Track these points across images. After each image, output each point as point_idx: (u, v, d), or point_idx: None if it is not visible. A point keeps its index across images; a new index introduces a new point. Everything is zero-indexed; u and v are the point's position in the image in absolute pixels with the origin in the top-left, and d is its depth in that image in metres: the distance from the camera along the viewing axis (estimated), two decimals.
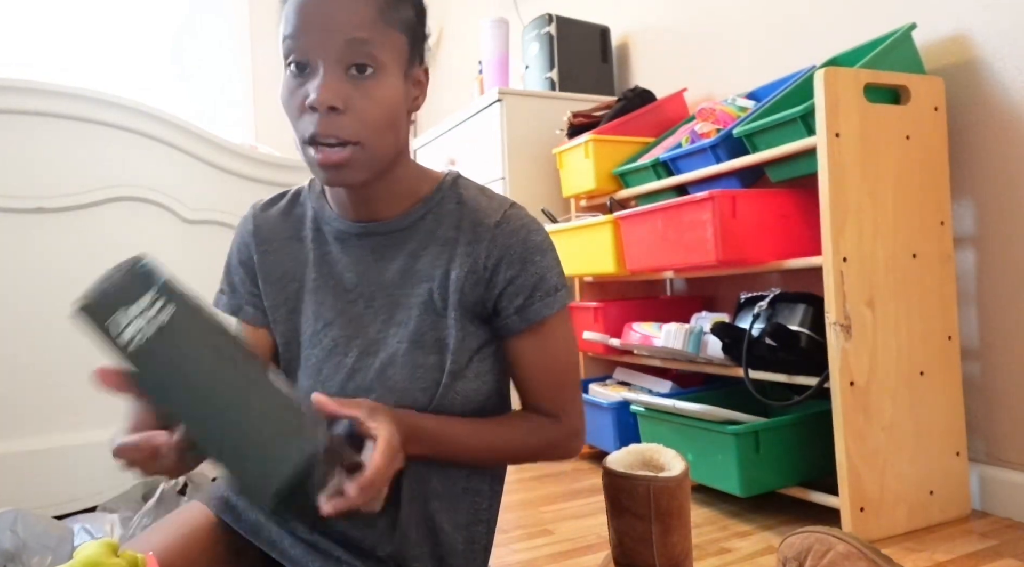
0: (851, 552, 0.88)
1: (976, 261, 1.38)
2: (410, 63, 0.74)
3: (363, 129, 0.69)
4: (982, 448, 1.38)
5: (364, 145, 0.70)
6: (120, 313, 0.58)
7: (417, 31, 0.75)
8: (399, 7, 0.71)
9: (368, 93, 0.69)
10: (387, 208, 0.79)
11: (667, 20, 2.17)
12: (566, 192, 2.07)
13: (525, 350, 0.81)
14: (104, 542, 0.60)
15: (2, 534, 1.04)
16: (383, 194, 0.78)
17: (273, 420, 0.59)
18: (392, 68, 0.71)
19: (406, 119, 0.76)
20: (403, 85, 0.73)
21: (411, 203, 0.80)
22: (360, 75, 0.69)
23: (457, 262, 0.77)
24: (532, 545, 1.30)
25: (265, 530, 0.79)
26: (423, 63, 0.78)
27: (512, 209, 0.80)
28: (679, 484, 0.89)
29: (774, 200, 1.46)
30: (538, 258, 0.78)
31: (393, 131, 0.72)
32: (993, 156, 1.35)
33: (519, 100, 2.12)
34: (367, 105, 0.69)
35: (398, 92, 0.72)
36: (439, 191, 0.80)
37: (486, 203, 0.80)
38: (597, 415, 1.77)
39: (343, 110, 0.68)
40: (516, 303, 0.78)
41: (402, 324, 0.78)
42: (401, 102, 0.73)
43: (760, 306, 1.40)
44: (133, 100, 1.47)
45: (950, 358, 1.33)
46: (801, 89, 1.50)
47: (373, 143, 0.70)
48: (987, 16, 1.35)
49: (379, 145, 0.71)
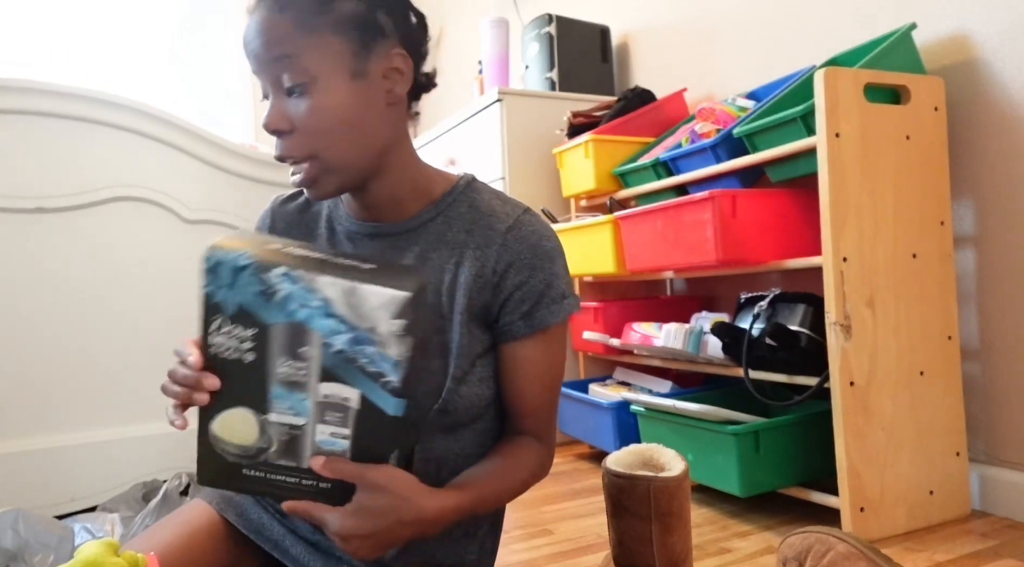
0: (851, 552, 0.88)
1: (976, 261, 1.38)
2: (362, 58, 0.70)
3: (313, 143, 0.69)
4: (982, 448, 1.38)
5: (321, 158, 0.70)
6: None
7: (365, 22, 0.70)
8: (325, 10, 0.69)
9: (308, 107, 0.68)
10: (396, 209, 0.78)
11: (667, 20, 2.17)
12: (566, 192, 2.07)
13: (526, 357, 0.79)
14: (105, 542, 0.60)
15: (3, 533, 1.04)
16: (387, 195, 0.77)
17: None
18: (330, 74, 0.69)
19: (376, 115, 0.72)
20: (352, 87, 0.70)
21: (423, 205, 0.79)
22: (297, 92, 0.69)
23: (466, 266, 0.76)
24: (532, 545, 1.30)
25: (268, 529, 0.80)
26: (397, 45, 0.73)
27: (525, 215, 0.79)
28: (679, 484, 0.89)
29: (774, 200, 1.46)
30: (547, 264, 0.78)
31: (351, 135, 0.70)
32: (993, 156, 1.35)
33: (519, 100, 2.12)
34: (309, 120, 0.69)
35: (344, 97, 0.69)
36: (451, 193, 0.79)
37: (499, 207, 0.79)
38: (597, 415, 1.77)
39: (290, 130, 0.69)
40: (523, 309, 0.77)
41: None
42: (352, 103, 0.70)
43: (760, 306, 1.40)
44: (133, 100, 1.47)
45: (950, 358, 1.33)
46: (801, 89, 1.50)
47: (330, 154, 0.70)
48: (987, 16, 1.35)
49: (338, 154, 0.70)
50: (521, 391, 0.80)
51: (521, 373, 0.80)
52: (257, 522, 0.80)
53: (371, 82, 0.71)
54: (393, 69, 0.73)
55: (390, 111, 0.74)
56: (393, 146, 0.75)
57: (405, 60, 0.73)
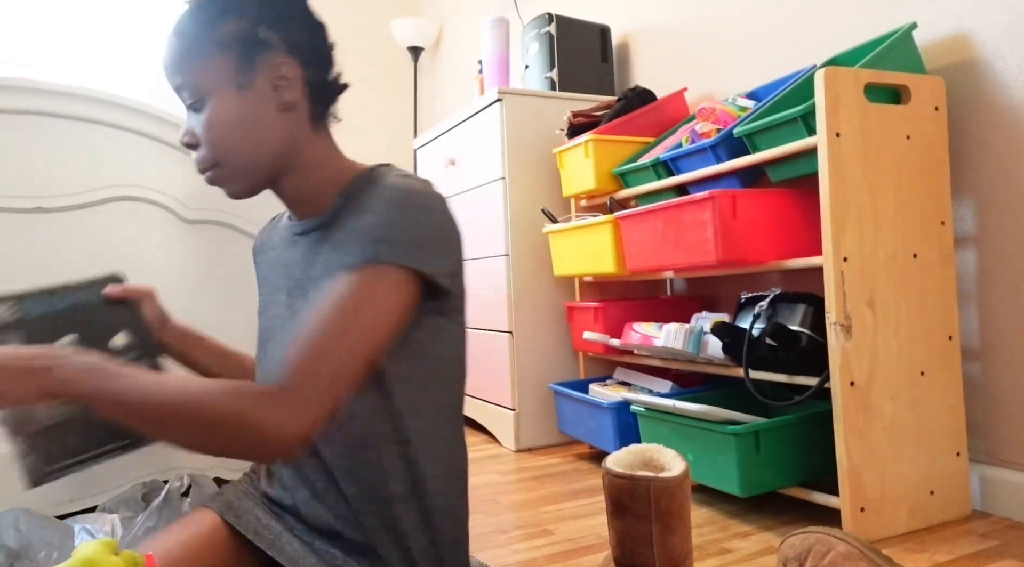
0: (852, 552, 0.88)
1: (976, 261, 1.38)
2: (244, 72, 0.77)
3: (215, 152, 0.78)
4: (983, 448, 1.38)
5: (223, 163, 0.79)
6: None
7: (247, 39, 0.77)
8: (208, 33, 0.77)
9: (205, 122, 0.78)
10: (316, 204, 0.84)
11: (667, 20, 2.17)
12: (566, 192, 2.07)
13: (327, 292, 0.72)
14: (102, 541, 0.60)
15: (6, 532, 1.04)
16: (302, 191, 0.83)
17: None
18: (220, 90, 0.77)
19: (270, 121, 0.79)
20: (238, 98, 0.77)
21: (331, 197, 0.83)
22: (197, 109, 0.79)
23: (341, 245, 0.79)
24: (532, 545, 1.30)
25: (265, 528, 0.81)
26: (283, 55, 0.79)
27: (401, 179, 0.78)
28: (679, 484, 0.89)
29: (774, 200, 1.46)
30: (382, 207, 0.74)
31: (243, 142, 0.78)
32: (993, 156, 1.35)
33: (519, 100, 2.12)
34: (207, 132, 0.78)
35: (234, 107, 0.77)
36: (356, 181, 0.82)
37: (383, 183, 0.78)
38: (597, 415, 1.77)
39: (197, 143, 0.80)
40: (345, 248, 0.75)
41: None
42: (241, 113, 0.77)
43: (760, 306, 1.40)
44: (134, 100, 1.47)
45: (950, 358, 1.33)
46: (801, 89, 1.50)
47: (230, 159, 0.79)
48: (988, 16, 1.35)
49: (237, 158, 0.79)
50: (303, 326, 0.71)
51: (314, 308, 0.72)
52: (255, 523, 0.81)
53: (259, 92, 0.78)
54: (280, 77, 0.79)
55: (285, 116, 0.80)
56: (295, 146, 0.81)
57: (293, 68, 0.79)
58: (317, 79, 0.82)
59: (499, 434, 2.16)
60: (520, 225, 2.10)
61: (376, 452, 0.79)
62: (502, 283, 2.10)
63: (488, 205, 2.18)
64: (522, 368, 2.07)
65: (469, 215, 2.31)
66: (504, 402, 2.11)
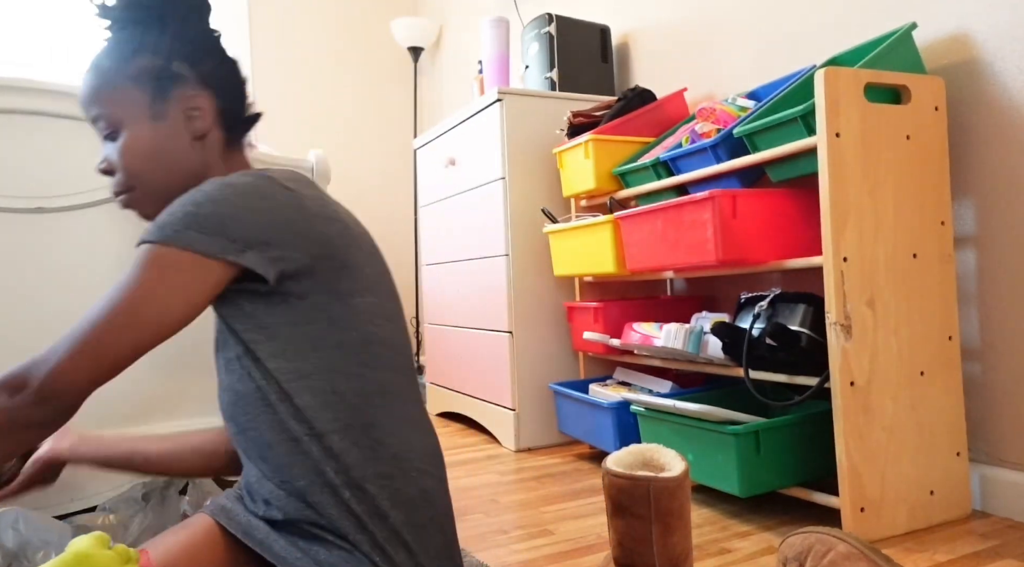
0: (852, 552, 0.88)
1: (976, 261, 1.38)
2: (157, 103, 0.85)
3: (129, 178, 0.85)
4: (983, 448, 1.38)
5: (137, 188, 0.86)
6: None
7: (160, 73, 0.85)
8: (123, 68, 0.84)
9: (121, 150, 0.84)
10: None
11: (667, 20, 2.17)
12: (566, 192, 2.07)
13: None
14: (95, 535, 0.60)
15: (4, 532, 1.04)
16: None
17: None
18: (133, 120, 0.84)
19: (182, 149, 0.86)
20: (151, 128, 0.84)
21: None
22: (112, 138, 0.85)
23: None
24: (532, 545, 1.30)
25: (256, 529, 0.81)
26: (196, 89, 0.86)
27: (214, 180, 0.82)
28: (679, 484, 0.89)
29: (774, 200, 1.46)
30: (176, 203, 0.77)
31: (156, 168, 0.85)
32: (993, 156, 1.35)
33: (519, 100, 2.12)
34: (123, 160, 0.84)
35: (147, 136, 0.84)
36: None
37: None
38: (597, 415, 1.77)
39: (112, 170, 0.86)
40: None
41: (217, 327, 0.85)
42: (154, 143, 0.84)
43: (760, 306, 1.40)
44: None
45: (950, 358, 1.33)
46: (801, 89, 1.50)
47: (143, 183, 0.85)
48: (987, 16, 1.35)
49: (151, 182, 0.85)
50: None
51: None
52: (245, 524, 0.82)
53: (172, 122, 0.85)
54: (193, 108, 0.86)
55: (197, 144, 0.87)
56: (207, 172, 0.88)
57: (205, 100, 0.87)
58: (229, 109, 0.89)
59: (499, 434, 2.16)
60: (520, 225, 2.10)
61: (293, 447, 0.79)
62: (502, 283, 2.10)
63: (488, 205, 2.18)
64: (522, 368, 2.07)
65: (469, 215, 2.31)
66: (504, 402, 2.11)
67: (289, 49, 3.61)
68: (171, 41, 0.86)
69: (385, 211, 3.78)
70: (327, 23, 3.70)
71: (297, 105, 3.62)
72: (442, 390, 2.61)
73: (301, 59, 3.63)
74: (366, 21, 3.79)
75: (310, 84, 3.64)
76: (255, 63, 3.54)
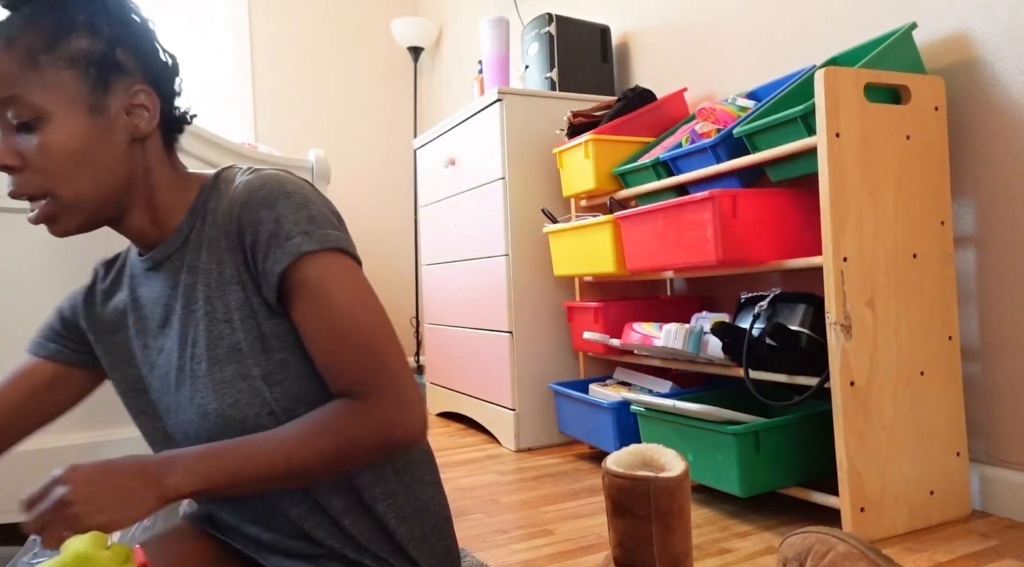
0: (851, 552, 0.88)
1: (976, 261, 1.38)
2: (99, 94, 0.69)
3: (45, 181, 0.68)
4: (982, 448, 1.38)
5: (55, 195, 0.69)
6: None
7: (102, 59, 0.69)
8: (56, 47, 0.68)
9: (39, 144, 0.67)
10: (161, 233, 0.77)
11: (667, 20, 2.17)
12: (566, 192, 2.07)
13: (300, 316, 0.69)
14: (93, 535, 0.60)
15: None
16: (143, 226, 0.76)
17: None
18: (63, 111, 0.68)
19: (118, 151, 0.71)
20: (88, 122, 0.69)
21: (178, 219, 0.76)
22: (27, 129, 0.68)
23: (225, 258, 0.72)
24: (532, 545, 1.30)
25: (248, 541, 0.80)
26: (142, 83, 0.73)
27: (242, 175, 0.74)
28: (679, 484, 0.89)
29: (774, 200, 1.46)
30: (265, 212, 0.69)
31: (86, 172, 0.69)
32: (993, 156, 1.35)
33: (519, 100, 2.12)
34: (40, 157, 0.67)
35: (76, 133, 0.68)
36: (201, 195, 0.77)
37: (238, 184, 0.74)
38: (597, 415, 1.77)
39: (21, 167, 0.68)
40: (261, 267, 0.70)
41: (196, 344, 0.73)
42: (88, 140, 0.69)
43: (760, 306, 1.40)
44: None
45: (950, 358, 1.33)
46: (801, 89, 1.50)
47: (64, 190, 0.69)
48: (987, 16, 1.35)
49: (73, 190, 0.69)
50: (317, 353, 0.69)
51: (306, 335, 0.69)
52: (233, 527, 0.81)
53: (111, 118, 0.70)
54: (137, 105, 0.72)
55: (134, 146, 0.73)
56: (142, 179, 0.74)
57: (150, 97, 0.73)
58: (170, 110, 0.77)
59: (499, 434, 2.16)
60: (520, 225, 2.10)
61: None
62: (502, 283, 2.10)
63: (488, 205, 2.18)
64: (522, 368, 2.07)
65: (469, 215, 2.31)
66: (504, 402, 2.11)
67: (289, 49, 3.61)
68: (112, 25, 0.71)
69: (385, 211, 3.78)
70: (327, 23, 3.70)
71: (297, 105, 3.62)
72: (442, 390, 2.61)
73: (301, 59, 3.63)
74: (366, 21, 3.79)
75: (310, 84, 3.65)
76: (255, 63, 3.54)
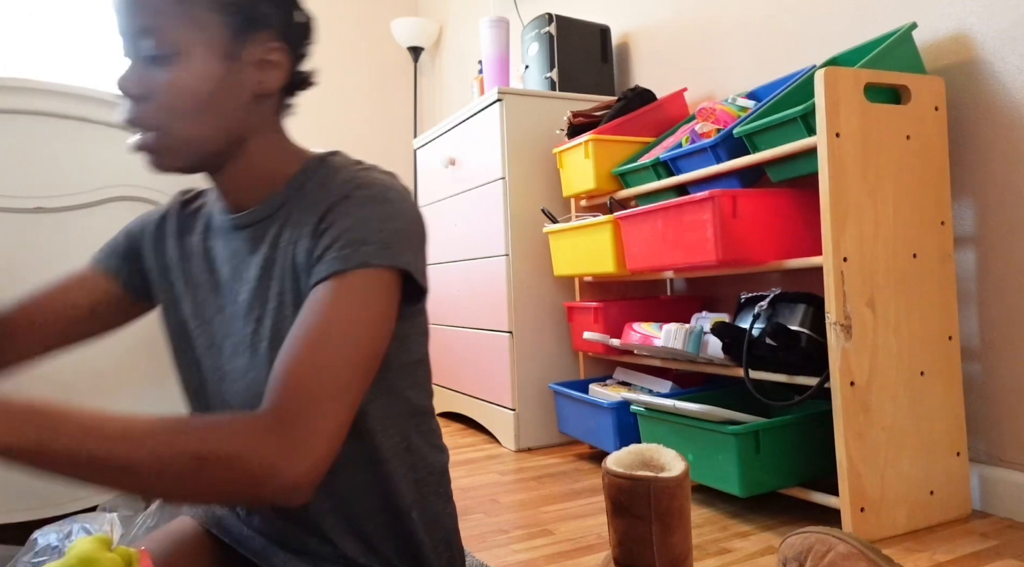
0: (851, 552, 0.88)
1: (976, 261, 1.38)
2: (237, 43, 0.68)
3: (164, 116, 0.67)
4: (982, 448, 1.38)
5: (168, 132, 0.67)
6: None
7: (246, 6, 0.68)
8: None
9: (168, 79, 0.66)
10: (254, 196, 0.75)
11: (667, 20, 2.17)
12: (566, 192, 2.07)
13: (310, 303, 0.65)
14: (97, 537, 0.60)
15: None
16: (240, 183, 0.74)
17: None
18: (199, 51, 0.66)
19: (239, 102, 0.70)
20: (221, 67, 0.67)
21: (276, 188, 0.75)
22: (157, 62, 0.66)
23: (305, 244, 0.70)
24: (532, 545, 1.30)
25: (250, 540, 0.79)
26: (276, 40, 0.71)
27: (353, 170, 0.73)
28: (679, 484, 0.89)
29: (774, 200, 1.46)
30: (355, 209, 0.68)
31: (205, 116, 0.68)
32: (993, 156, 1.35)
33: (519, 100, 2.12)
34: (164, 92, 0.66)
35: (207, 76, 0.67)
36: (303, 172, 0.75)
37: (344, 177, 0.72)
38: (597, 415, 1.77)
39: (141, 97, 0.67)
40: (318, 253, 0.67)
41: (262, 321, 0.72)
42: (216, 86, 0.67)
43: (760, 306, 1.40)
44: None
45: (950, 358, 1.33)
46: (801, 89, 1.50)
47: (176, 129, 0.67)
48: (987, 16, 1.35)
49: (186, 131, 0.68)
50: (287, 344, 0.63)
51: (296, 323, 0.64)
52: (238, 533, 0.80)
53: (241, 68, 0.69)
54: (268, 61, 0.71)
55: (256, 101, 0.72)
56: (253, 136, 0.73)
57: (283, 55, 0.72)
58: (298, 72, 0.76)
59: (499, 434, 2.16)
60: (520, 225, 2.10)
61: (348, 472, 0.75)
62: (502, 283, 2.10)
63: (488, 205, 2.18)
64: (522, 368, 2.07)
65: (469, 215, 2.31)
66: (504, 402, 2.11)
67: None
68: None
69: None
70: (327, 23, 3.70)
71: (297, 105, 3.62)
72: (442, 390, 2.61)
73: None
74: (366, 21, 3.79)
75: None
76: None
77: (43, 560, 0.96)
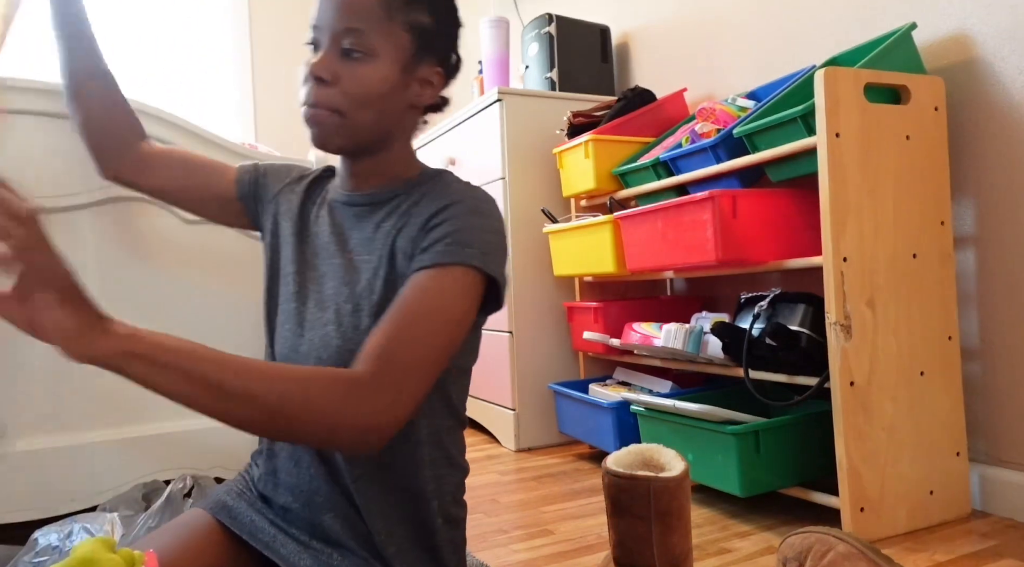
0: (851, 552, 0.88)
1: (976, 261, 1.38)
2: (414, 60, 0.83)
3: (344, 101, 0.79)
4: (982, 448, 1.38)
5: (344, 115, 0.79)
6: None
7: (429, 37, 0.84)
8: (409, 9, 0.81)
9: (355, 72, 0.79)
10: (376, 183, 0.87)
11: (667, 20, 2.17)
12: (566, 192, 2.07)
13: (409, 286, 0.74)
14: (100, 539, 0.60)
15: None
16: (371, 171, 0.87)
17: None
18: (386, 58, 0.80)
19: (400, 107, 0.84)
20: (398, 76, 0.81)
21: (396, 184, 0.87)
22: (352, 57, 0.79)
23: (406, 233, 0.81)
24: (532, 545, 1.30)
25: (260, 531, 0.81)
26: (439, 66, 0.87)
27: (468, 186, 0.85)
28: (679, 484, 0.89)
29: (774, 200, 1.46)
30: (468, 215, 0.79)
31: (376, 110, 0.81)
32: (993, 156, 1.35)
33: (519, 100, 2.12)
34: (351, 81, 0.79)
35: (388, 79, 0.80)
36: (421, 176, 0.88)
37: (458, 188, 0.84)
38: (597, 415, 1.77)
39: (330, 82, 0.79)
40: (424, 244, 0.77)
41: (351, 286, 0.82)
42: (391, 89, 0.81)
43: (760, 306, 1.40)
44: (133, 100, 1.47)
45: (950, 358, 1.33)
46: (801, 89, 1.50)
47: (352, 115, 0.80)
48: (987, 16, 1.35)
49: (358, 118, 0.80)
50: (389, 317, 0.72)
51: (396, 301, 0.74)
52: (249, 524, 0.82)
53: (410, 82, 0.84)
54: (429, 81, 0.86)
55: (409, 111, 0.86)
56: (398, 137, 0.87)
57: (440, 79, 0.88)
58: (442, 97, 0.91)
59: (499, 434, 2.17)
60: (520, 225, 2.10)
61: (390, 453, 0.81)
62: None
63: None
64: (522, 368, 2.07)
65: None
66: (504, 402, 2.12)
67: (290, 49, 3.61)
68: (447, 12, 0.90)
69: None
70: None
71: (297, 105, 3.61)
72: None
73: (301, 58, 3.63)
74: None
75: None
76: (255, 63, 3.54)
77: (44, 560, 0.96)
